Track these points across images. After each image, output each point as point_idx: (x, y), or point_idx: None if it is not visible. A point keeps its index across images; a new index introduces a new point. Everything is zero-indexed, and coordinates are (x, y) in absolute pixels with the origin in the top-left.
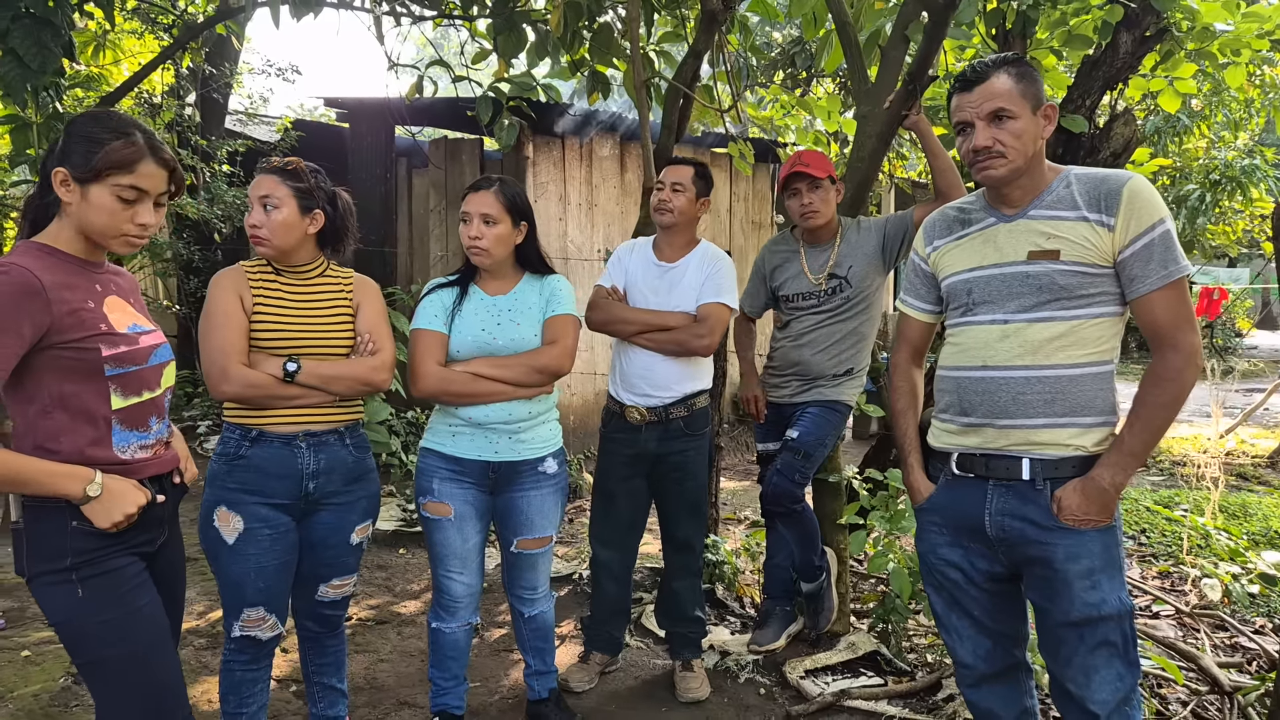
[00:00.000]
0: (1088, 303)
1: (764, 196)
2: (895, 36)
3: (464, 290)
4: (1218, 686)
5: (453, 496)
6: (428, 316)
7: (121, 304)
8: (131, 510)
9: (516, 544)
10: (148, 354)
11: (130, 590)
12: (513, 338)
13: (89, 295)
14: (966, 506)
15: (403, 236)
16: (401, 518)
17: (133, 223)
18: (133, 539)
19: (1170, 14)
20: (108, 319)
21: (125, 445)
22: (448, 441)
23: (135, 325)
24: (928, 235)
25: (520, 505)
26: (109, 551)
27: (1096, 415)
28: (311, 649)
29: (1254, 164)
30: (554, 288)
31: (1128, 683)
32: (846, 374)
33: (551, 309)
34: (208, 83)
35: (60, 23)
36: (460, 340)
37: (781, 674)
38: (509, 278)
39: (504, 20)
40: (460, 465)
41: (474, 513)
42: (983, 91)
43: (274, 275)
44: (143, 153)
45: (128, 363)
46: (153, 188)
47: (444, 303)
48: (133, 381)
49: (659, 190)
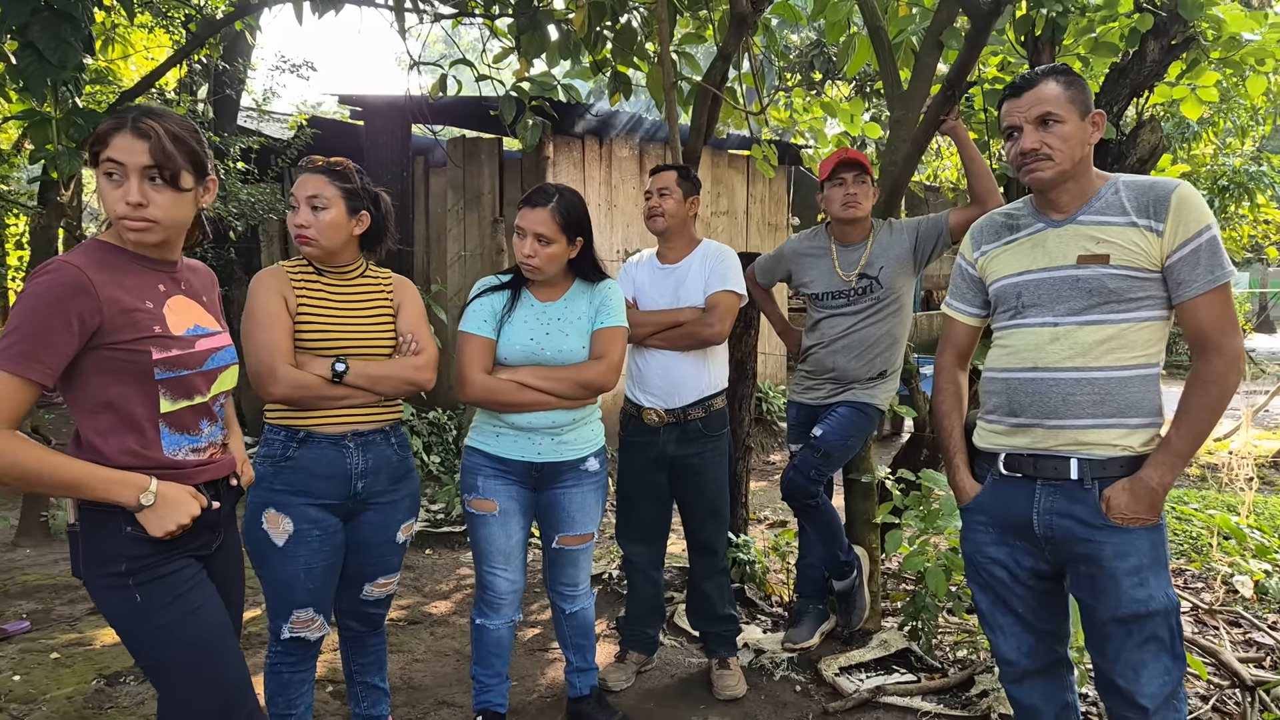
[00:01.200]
0: (1136, 306)
1: (780, 199)
2: (929, 42)
3: (515, 294)
4: (1239, 681)
5: (497, 493)
6: (477, 321)
7: (187, 304)
8: (185, 520)
9: (558, 540)
10: (203, 358)
11: (186, 593)
12: (561, 349)
13: (147, 295)
14: (1013, 506)
15: (419, 236)
16: (426, 518)
17: (123, 203)
18: (187, 544)
19: (1197, 23)
20: (164, 320)
21: (176, 449)
22: (491, 441)
23: (197, 327)
24: (975, 240)
25: (562, 502)
26: (164, 556)
27: (1143, 416)
28: (354, 648)
29: (1260, 170)
30: (605, 296)
31: (1175, 676)
32: (880, 376)
33: (601, 320)
34: (221, 78)
35: (80, 16)
36: (508, 348)
37: (816, 671)
38: (560, 284)
39: (528, 19)
40: (504, 464)
41: (518, 508)
42: (1031, 97)
43: (316, 275)
44: (120, 124)
45: (179, 367)
46: (129, 160)
47: (494, 307)
48: (182, 386)
49: (648, 199)
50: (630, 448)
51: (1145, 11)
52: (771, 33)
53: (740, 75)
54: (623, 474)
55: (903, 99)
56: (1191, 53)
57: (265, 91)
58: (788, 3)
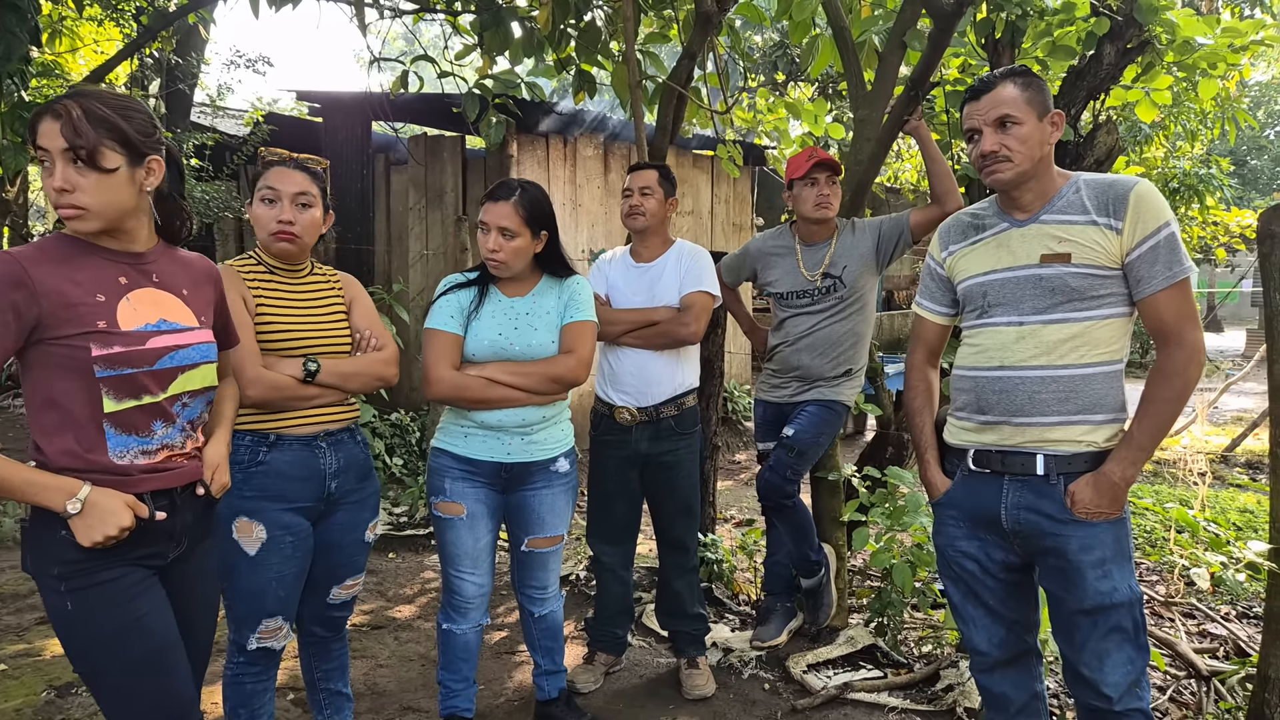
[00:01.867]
0: (1098, 304)
1: (745, 199)
2: (893, 43)
3: (482, 291)
4: (1195, 671)
5: (464, 495)
6: (443, 317)
7: (155, 297)
8: (113, 531)
9: (527, 543)
10: (155, 356)
11: (127, 602)
12: (530, 343)
13: (102, 288)
14: (983, 500)
15: (380, 234)
16: (389, 521)
17: (52, 190)
18: (130, 552)
19: (1152, 27)
20: (114, 315)
21: (123, 450)
22: (459, 442)
23: (162, 322)
24: (943, 240)
25: (532, 504)
26: (101, 563)
27: (1107, 413)
28: (316, 654)
29: (1210, 173)
30: (573, 291)
31: (1138, 666)
32: (845, 374)
33: (570, 314)
34: (174, 73)
35: (27, 8)
36: (476, 344)
37: (784, 669)
38: (527, 279)
39: (490, 16)
40: (473, 465)
41: (486, 511)
42: (990, 99)
43: (268, 274)
44: (45, 109)
45: (122, 364)
46: (51, 144)
47: (460, 303)
48: (128, 384)
49: (628, 196)
50: (602, 446)
51: (1102, 16)
52: (736, 33)
53: (705, 75)
54: (594, 473)
55: (866, 99)
56: (1146, 56)
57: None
58: (752, 3)
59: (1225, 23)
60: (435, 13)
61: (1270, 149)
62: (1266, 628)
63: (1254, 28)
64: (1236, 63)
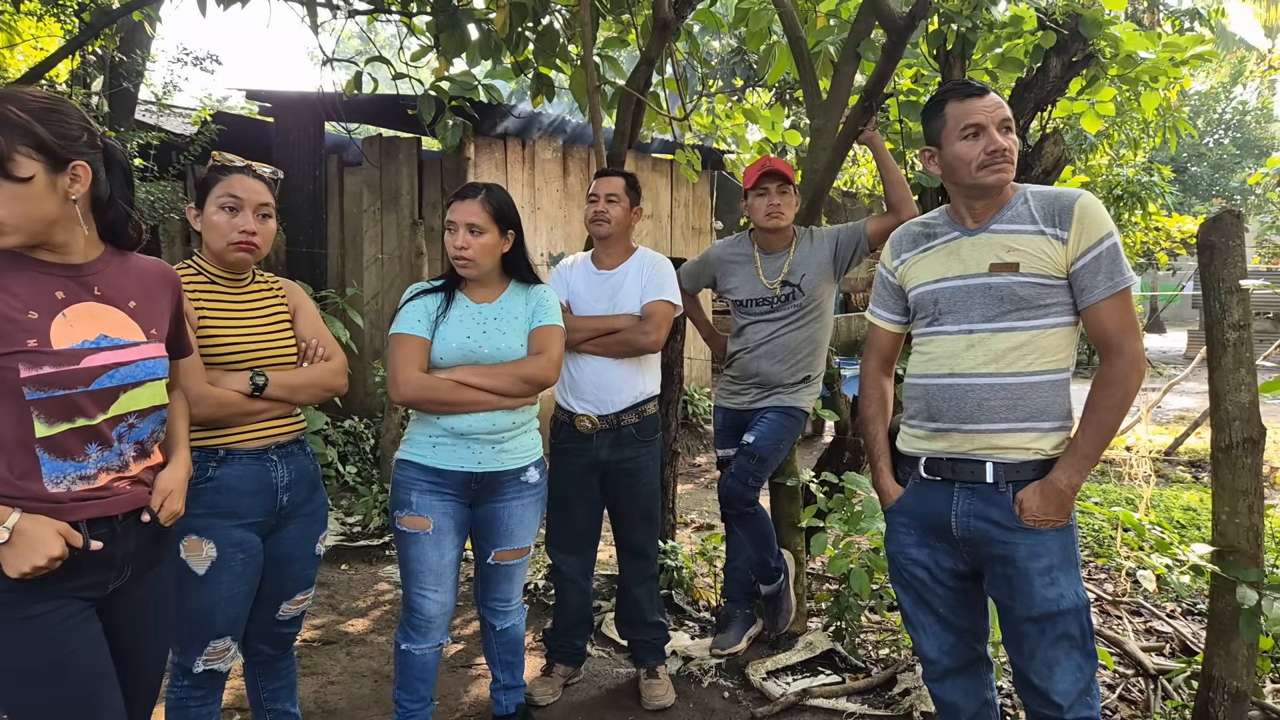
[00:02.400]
0: (1045, 313)
1: (704, 203)
2: (847, 53)
3: (449, 297)
4: (1143, 669)
5: (432, 509)
6: (410, 321)
7: (95, 312)
8: (41, 561)
9: (494, 555)
10: (92, 375)
11: (49, 641)
12: (499, 346)
13: (36, 304)
14: (934, 508)
15: (334, 237)
16: (342, 532)
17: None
18: (64, 583)
19: (1096, 41)
20: (46, 334)
21: (59, 476)
22: (428, 453)
23: (101, 338)
24: (894, 249)
25: (501, 516)
26: (32, 595)
27: (1054, 420)
28: (263, 674)
29: (1151, 180)
30: (541, 298)
31: (1087, 673)
32: (804, 381)
33: (538, 319)
34: (118, 70)
35: None
36: (445, 347)
37: (744, 676)
38: (495, 285)
39: (447, 18)
40: (442, 477)
41: (453, 525)
42: (995, 101)
43: (209, 284)
44: None
45: (54, 385)
46: None
47: (427, 308)
48: (62, 406)
49: (593, 202)
50: (562, 454)
51: (1048, 29)
52: (694, 39)
53: (663, 80)
54: (554, 481)
55: (822, 108)
56: (1091, 69)
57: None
58: (709, 10)
59: (1166, 37)
60: (390, 14)
61: (1209, 156)
62: (1210, 628)
63: (1193, 42)
64: (1178, 75)
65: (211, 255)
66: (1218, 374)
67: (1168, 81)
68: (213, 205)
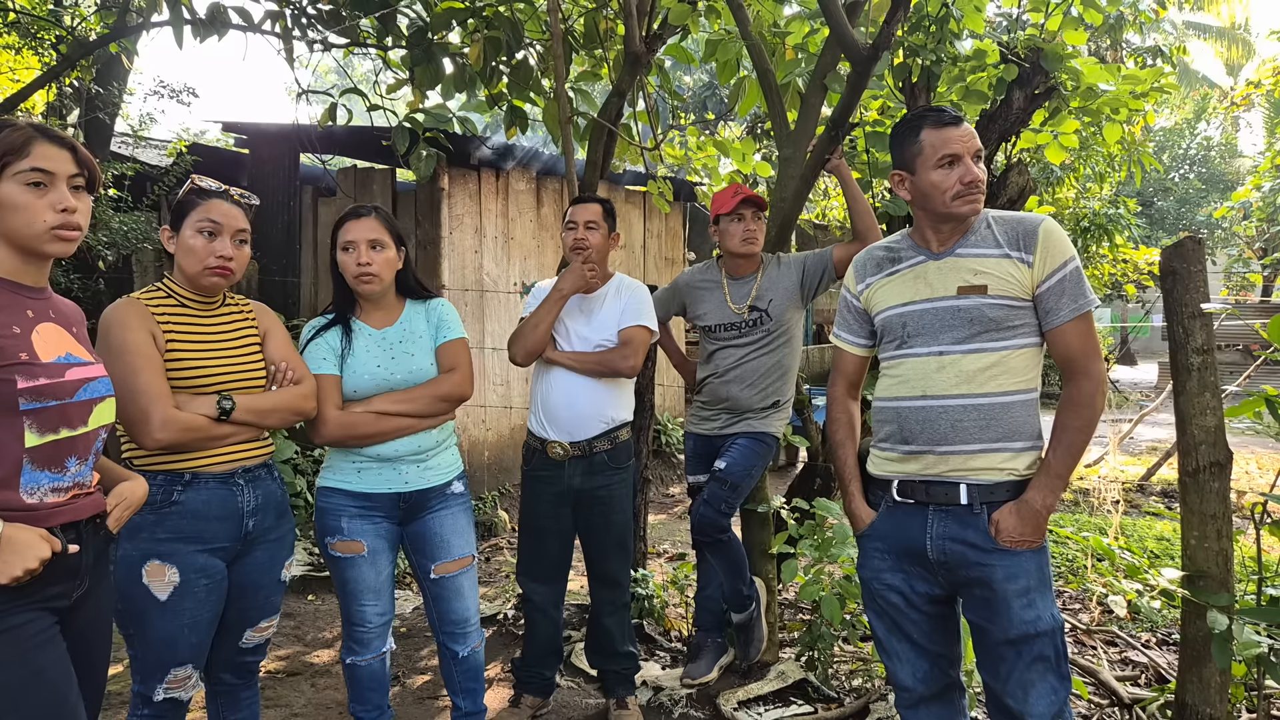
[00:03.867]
0: (1013, 334)
1: (676, 234)
2: (814, 84)
3: (346, 328)
4: (1117, 699)
5: (364, 533)
6: (316, 360)
7: (57, 331)
8: (34, 564)
9: (435, 570)
10: (74, 388)
11: (31, 650)
12: (411, 370)
13: (14, 320)
14: (908, 531)
15: (307, 266)
16: (309, 561)
17: (53, 210)
18: (39, 592)
19: (1057, 74)
20: (32, 347)
21: (35, 486)
22: (353, 478)
23: (69, 355)
24: (859, 273)
25: (434, 527)
26: (11, 606)
27: (1026, 440)
28: (225, 704)
29: (1118, 213)
30: (440, 313)
31: (1061, 696)
32: (773, 406)
33: (443, 335)
34: (94, 102)
35: None
36: (357, 380)
37: (715, 707)
38: (392, 307)
39: (422, 52)
40: (370, 500)
41: (386, 545)
42: (969, 130)
43: (179, 307)
44: (30, 134)
45: (47, 396)
46: (58, 169)
47: (331, 344)
48: (51, 417)
49: (572, 230)
50: (534, 481)
51: (1011, 62)
52: (665, 73)
53: (635, 113)
54: (525, 510)
55: (791, 138)
56: (1053, 102)
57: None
58: (680, 45)
59: (1127, 71)
60: (366, 48)
61: (1175, 190)
62: (1183, 654)
63: (1153, 75)
64: (1139, 108)
65: (184, 279)
66: (1183, 398)
67: (1129, 114)
68: (189, 229)
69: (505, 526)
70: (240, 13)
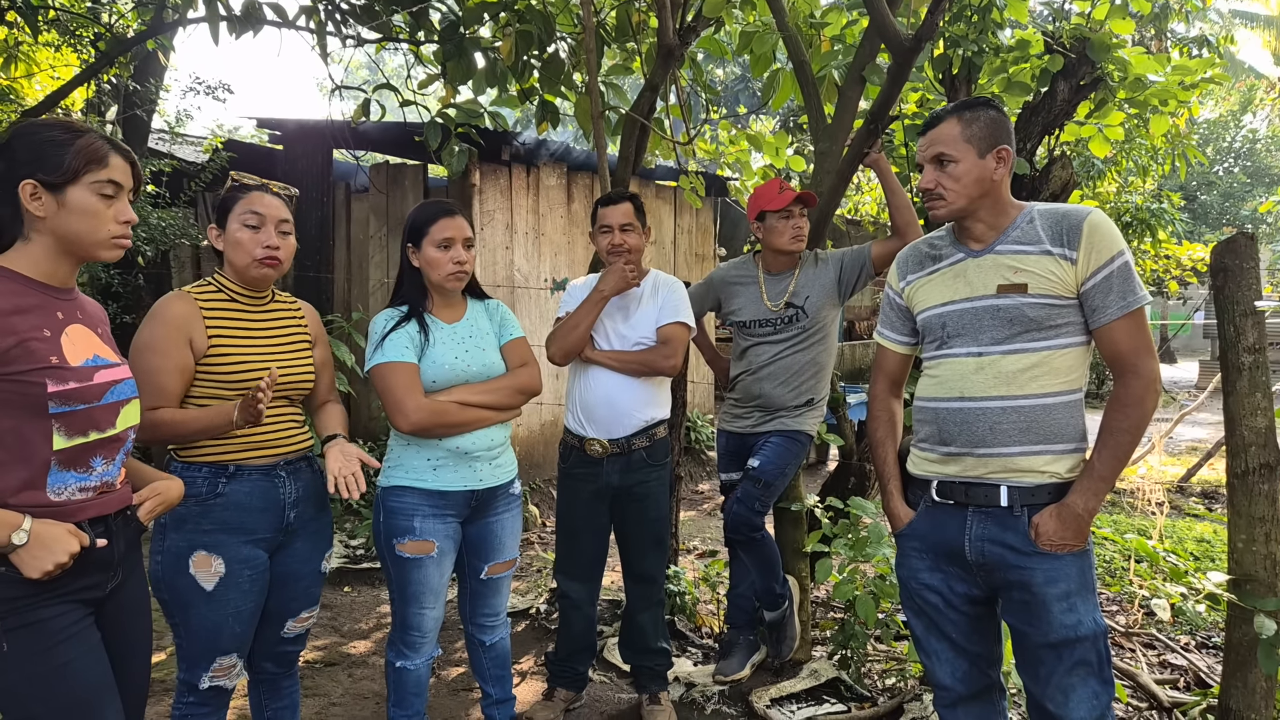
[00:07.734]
0: (1056, 334)
1: (707, 230)
2: (852, 77)
3: (421, 322)
4: (1157, 703)
5: (436, 532)
6: (399, 349)
7: (85, 334)
8: (64, 559)
9: (487, 570)
10: (102, 391)
11: (60, 644)
12: (484, 364)
13: (46, 323)
14: (947, 532)
15: (340, 262)
16: (345, 554)
17: (117, 221)
18: (70, 585)
19: (1104, 65)
20: (61, 351)
21: (61, 486)
22: (429, 476)
23: (97, 358)
24: (901, 270)
25: (495, 530)
26: (39, 600)
27: (1069, 442)
28: (267, 693)
29: (1161, 207)
30: (502, 312)
31: (1103, 701)
32: (807, 404)
33: (507, 333)
34: (131, 99)
35: None
36: (437, 371)
37: (748, 704)
38: (459, 304)
39: (453, 46)
40: (444, 499)
41: (452, 546)
42: (930, 137)
43: (230, 302)
44: (107, 145)
45: (76, 400)
46: (124, 181)
47: (411, 335)
48: (79, 420)
49: (607, 233)
50: (571, 480)
51: (1055, 53)
52: (698, 66)
53: (667, 106)
54: (563, 507)
55: (827, 133)
56: (1099, 93)
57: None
58: (714, 38)
59: (1175, 61)
60: (398, 42)
61: (1219, 185)
62: (1227, 659)
63: (1204, 65)
64: (1187, 100)
65: (234, 273)
66: (1233, 398)
67: (1177, 106)
68: (235, 222)
69: (536, 521)
70: (275, 8)
